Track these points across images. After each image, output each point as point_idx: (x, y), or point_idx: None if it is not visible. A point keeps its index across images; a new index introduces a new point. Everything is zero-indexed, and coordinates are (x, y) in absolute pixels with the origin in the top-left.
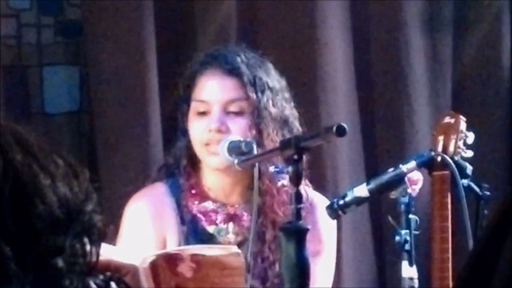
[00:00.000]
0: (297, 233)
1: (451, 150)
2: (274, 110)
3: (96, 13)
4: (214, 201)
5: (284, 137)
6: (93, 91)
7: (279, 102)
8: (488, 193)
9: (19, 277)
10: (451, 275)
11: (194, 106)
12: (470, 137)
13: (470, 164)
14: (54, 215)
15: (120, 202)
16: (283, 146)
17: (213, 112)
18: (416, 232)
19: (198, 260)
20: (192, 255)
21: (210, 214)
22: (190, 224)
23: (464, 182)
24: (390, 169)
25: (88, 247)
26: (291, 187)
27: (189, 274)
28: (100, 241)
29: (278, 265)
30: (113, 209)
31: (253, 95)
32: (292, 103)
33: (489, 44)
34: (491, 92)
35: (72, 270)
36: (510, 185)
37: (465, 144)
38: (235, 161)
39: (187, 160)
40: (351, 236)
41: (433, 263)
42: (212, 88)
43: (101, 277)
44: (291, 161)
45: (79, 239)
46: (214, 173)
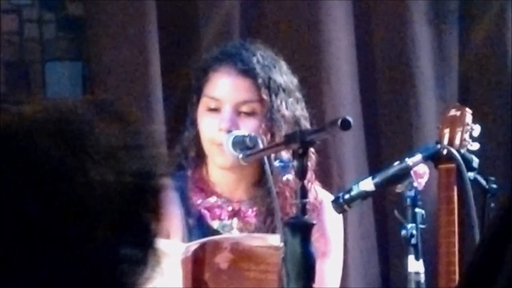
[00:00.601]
0: (303, 229)
1: (457, 143)
2: (287, 113)
3: (99, 8)
4: (219, 196)
5: None
6: (95, 87)
7: (291, 104)
8: (495, 186)
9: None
10: (458, 269)
11: (205, 102)
12: (476, 130)
13: (477, 157)
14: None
15: None
16: (288, 141)
17: (224, 111)
18: (423, 226)
19: (238, 251)
20: (233, 244)
21: (215, 210)
22: (195, 219)
23: (471, 175)
24: (396, 163)
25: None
26: (296, 182)
27: (225, 266)
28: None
29: (283, 261)
30: None
31: (267, 97)
32: (303, 103)
33: (494, 37)
34: (497, 84)
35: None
36: None
37: (471, 137)
38: (240, 156)
39: (195, 152)
40: (356, 230)
41: (440, 257)
42: (225, 87)
43: None
44: (296, 156)
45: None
46: (220, 170)
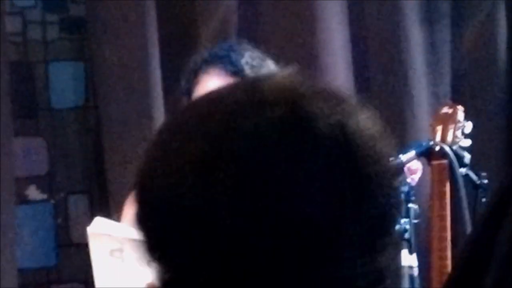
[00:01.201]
0: None
1: (449, 140)
2: None
3: (100, 10)
4: None
5: None
6: (98, 86)
7: None
8: (486, 182)
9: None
10: (450, 263)
11: None
12: (468, 127)
13: (468, 153)
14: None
15: (126, 196)
16: None
17: None
18: (416, 221)
19: None
20: None
21: None
22: None
23: (463, 171)
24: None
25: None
26: None
27: None
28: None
29: None
30: (120, 204)
31: None
32: None
33: (486, 35)
34: (488, 82)
35: None
36: (507, 174)
37: (463, 134)
38: None
39: None
40: None
41: (432, 252)
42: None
43: None
44: None
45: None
46: None
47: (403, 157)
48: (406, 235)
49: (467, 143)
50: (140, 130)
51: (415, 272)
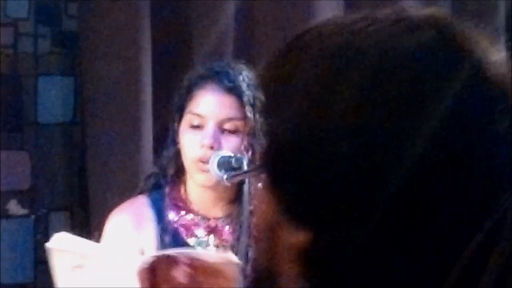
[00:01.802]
0: None
1: None
2: None
3: (93, 25)
4: (196, 214)
5: None
6: (86, 103)
7: None
8: None
9: None
10: None
11: (188, 119)
12: None
13: None
14: None
15: (107, 215)
16: None
17: (208, 128)
18: None
19: (195, 266)
20: (191, 259)
21: (191, 227)
22: (171, 236)
23: None
24: None
25: None
26: None
27: (184, 280)
28: None
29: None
30: (102, 222)
31: (251, 115)
32: None
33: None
34: None
35: None
36: None
37: None
38: (225, 177)
39: (174, 170)
40: None
41: None
42: (210, 104)
43: None
44: None
45: None
46: (199, 188)
47: None
48: None
49: None
50: (126, 151)
51: None
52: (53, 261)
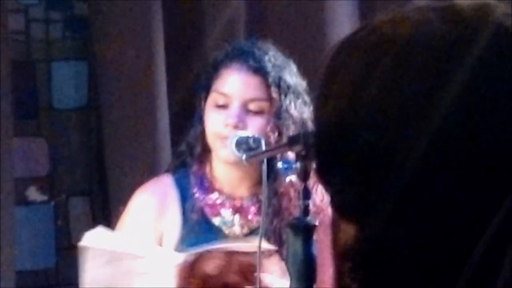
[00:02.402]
0: (305, 230)
1: None
2: (295, 113)
3: (104, 8)
4: (221, 193)
5: None
6: (101, 87)
7: (300, 105)
8: None
9: None
10: None
11: (214, 97)
12: None
13: None
14: None
15: (128, 197)
16: (291, 142)
17: (233, 107)
18: None
19: (228, 259)
20: (224, 253)
21: (216, 206)
22: (196, 215)
23: None
24: None
25: None
26: (299, 183)
27: (215, 272)
28: None
29: (285, 262)
30: (121, 205)
31: (276, 96)
32: (311, 107)
33: None
34: None
35: None
36: None
37: None
38: (243, 157)
39: (201, 148)
40: None
41: None
42: (235, 83)
43: None
44: (299, 157)
45: None
46: (224, 165)
47: None
48: None
49: None
50: (143, 132)
51: None
52: (86, 259)
